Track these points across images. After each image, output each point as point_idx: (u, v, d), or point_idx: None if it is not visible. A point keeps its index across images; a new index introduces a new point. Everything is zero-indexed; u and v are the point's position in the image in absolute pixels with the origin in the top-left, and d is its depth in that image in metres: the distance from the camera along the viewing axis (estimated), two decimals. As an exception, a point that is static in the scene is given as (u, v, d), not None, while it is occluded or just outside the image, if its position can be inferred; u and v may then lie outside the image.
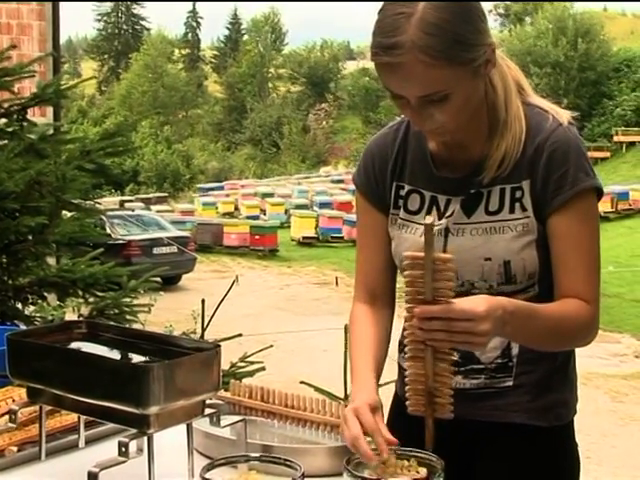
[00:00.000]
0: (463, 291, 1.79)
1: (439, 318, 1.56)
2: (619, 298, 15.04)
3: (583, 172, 1.76)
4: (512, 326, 1.63)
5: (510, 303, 1.63)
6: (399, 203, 1.91)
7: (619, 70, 42.99)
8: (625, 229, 23.18)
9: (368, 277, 1.97)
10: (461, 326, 1.55)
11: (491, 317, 1.57)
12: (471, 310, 1.55)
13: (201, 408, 1.67)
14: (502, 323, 1.60)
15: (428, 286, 1.55)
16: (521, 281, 1.79)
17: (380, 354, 1.87)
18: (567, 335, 1.77)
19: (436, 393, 1.65)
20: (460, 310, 1.55)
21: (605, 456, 7.63)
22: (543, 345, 1.78)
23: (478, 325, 1.55)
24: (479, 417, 1.87)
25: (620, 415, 9.19)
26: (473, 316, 1.55)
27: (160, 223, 19.70)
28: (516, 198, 1.79)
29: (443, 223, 1.83)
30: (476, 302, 1.57)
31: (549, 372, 1.87)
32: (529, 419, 1.85)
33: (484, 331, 1.56)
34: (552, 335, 1.74)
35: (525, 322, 1.67)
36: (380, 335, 1.91)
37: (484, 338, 1.57)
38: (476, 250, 1.79)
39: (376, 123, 46.69)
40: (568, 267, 1.76)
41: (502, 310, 1.60)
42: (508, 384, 1.86)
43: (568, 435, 1.92)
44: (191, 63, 67.78)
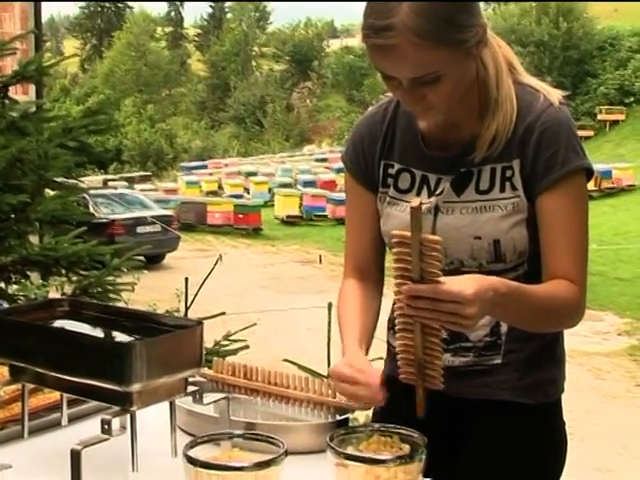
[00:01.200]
0: (452, 269, 1.79)
1: (426, 298, 1.55)
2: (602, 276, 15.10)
3: (573, 152, 1.76)
4: (503, 307, 1.63)
5: (503, 284, 1.63)
6: (388, 182, 1.90)
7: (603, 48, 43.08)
8: (608, 207, 23.26)
9: (357, 254, 1.97)
10: (448, 307, 1.54)
11: (479, 300, 1.55)
12: (458, 292, 1.54)
13: (184, 386, 1.67)
14: (492, 305, 1.59)
15: (416, 266, 1.54)
16: (510, 260, 1.79)
17: (369, 324, 1.88)
18: (556, 317, 1.77)
19: (426, 365, 1.66)
20: (447, 291, 1.54)
21: (588, 433, 7.68)
22: (531, 326, 1.78)
23: (465, 308, 1.54)
24: (467, 394, 1.87)
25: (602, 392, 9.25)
26: (460, 298, 1.53)
27: (144, 202, 19.65)
28: (506, 177, 1.78)
29: (433, 201, 1.82)
30: (465, 284, 1.56)
31: (537, 350, 1.87)
32: (517, 396, 1.85)
33: (470, 314, 1.54)
34: (541, 317, 1.74)
35: (516, 304, 1.66)
36: (368, 306, 1.91)
37: (470, 321, 1.56)
38: (466, 229, 1.79)
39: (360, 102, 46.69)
40: (556, 248, 1.76)
41: (493, 292, 1.59)
42: (497, 362, 1.86)
43: (555, 413, 1.93)
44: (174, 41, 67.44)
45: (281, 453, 1.49)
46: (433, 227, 1.81)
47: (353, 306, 1.90)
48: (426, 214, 1.81)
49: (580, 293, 1.76)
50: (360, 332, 1.83)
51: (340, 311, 1.92)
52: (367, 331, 1.86)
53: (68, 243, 4.40)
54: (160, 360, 1.56)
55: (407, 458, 1.53)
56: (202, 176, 30.73)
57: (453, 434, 1.90)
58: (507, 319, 1.77)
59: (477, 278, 1.60)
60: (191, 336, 1.64)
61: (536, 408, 1.87)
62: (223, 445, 1.60)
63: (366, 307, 1.91)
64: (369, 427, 1.67)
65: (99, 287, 4.36)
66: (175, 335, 1.63)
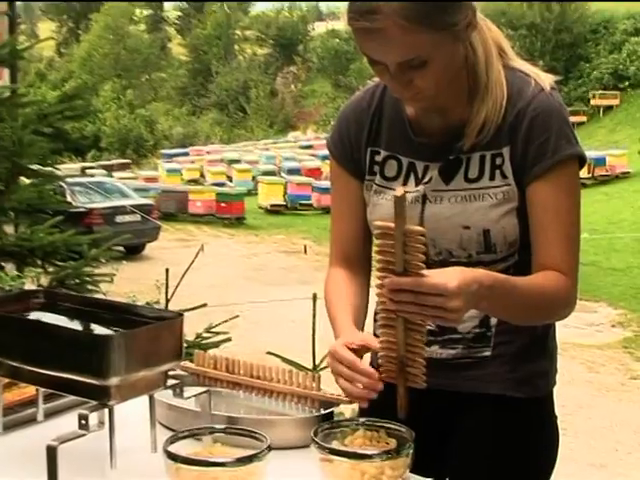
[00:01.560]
0: (441, 260, 1.80)
1: (409, 291, 1.55)
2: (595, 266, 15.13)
3: (565, 139, 1.76)
4: (489, 301, 1.63)
5: (488, 277, 1.63)
6: (374, 169, 1.91)
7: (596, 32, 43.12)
8: (602, 195, 23.30)
9: (343, 244, 1.98)
10: (431, 301, 1.54)
11: (464, 293, 1.55)
12: (442, 285, 1.53)
13: (164, 379, 1.67)
14: (477, 298, 1.59)
15: (399, 258, 1.54)
16: (501, 250, 1.79)
17: (360, 309, 1.89)
18: (545, 309, 1.77)
19: (408, 363, 1.66)
20: (430, 284, 1.53)
21: (581, 428, 7.69)
22: (520, 319, 1.78)
23: (449, 301, 1.53)
24: (456, 388, 1.88)
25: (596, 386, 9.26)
26: (444, 291, 1.53)
27: (123, 190, 19.57)
28: (496, 165, 1.78)
29: (420, 190, 1.83)
30: (448, 276, 1.55)
31: (528, 342, 1.87)
32: (507, 390, 1.86)
33: (455, 307, 1.54)
34: (530, 310, 1.74)
35: (503, 297, 1.66)
36: (358, 293, 1.92)
37: (455, 314, 1.55)
38: (454, 218, 1.79)
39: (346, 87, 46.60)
40: (547, 238, 1.76)
41: (478, 285, 1.58)
42: (486, 354, 1.87)
43: (547, 407, 1.94)
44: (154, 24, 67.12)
45: (264, 448, 1.50)
46: (421, 216, 1.81)
47: (342, 291, 1.91)
48: (414, 203, 1.82)
49: (571, 284, 1.77)
50: (352, 313, 1.84)
51: (328, 297, 1.93)
52: (360, 315, 1.87)
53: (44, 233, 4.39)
54: (139, 353, 1.56)
55: (394, 453, 1.54)
56: (183, 164, 30.65)
57: (442, 428, 1.91)
58: (494, 312, 1.78)
59: (461, 270, 1.60)
60: (171, 328, 1.64)
61: (527, 402, 1.87)
62: (204, 440, 1.60)
63: (355, 293, 1.91)
64: (355, 421, 1.68)
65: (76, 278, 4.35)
66: (155, 327, 1.63)
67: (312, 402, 1.85)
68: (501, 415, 1.87)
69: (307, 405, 1.86)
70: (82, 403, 1.60)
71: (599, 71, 41.00)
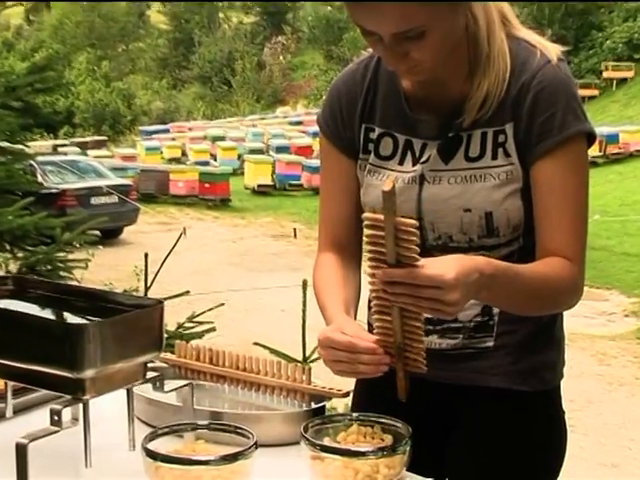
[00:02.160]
0: (440, 244, 1.81)
1: (403, 283, 1.54)
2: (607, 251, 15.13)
3: (572, 115, 1.76)
4: (490, 291, 1.63)
5: (489, 265, 1.62)
6: (369, 147, 1.90)
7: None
8: (615, 175, 23.32)
9: (333, 228, 1.98)
10: (427, 293, 1.53)
11: (462, 284, 1.54)
12: (438, 277, 1.52)
13: (143, 371, 1.67)
14: (477, 288, 1.59)
15: (390, 250, 1.53)
16: (504, 234, 1.79)
17: (351, 296, 1.88)
18: (549, 299, 1.77)
19: (406, 349, 1.66)
20: (425, 276, 1.52)
21: (591, 425, 7.70)
22: (523, 310, 1.78)
23: (445, 293, 1.53)
24: (456, 380, 1.88)
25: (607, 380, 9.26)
26: (440, 283, 1.52)
27: (98, 170, 19.54)
28: (499, 143, 1.78)
29: (418, 170, 1.82)
30: (446, 267, 1.54)
31: (533, 332, 1.88)
32: (511, 383, 1.87)
33: (452, 300, 1.53)
34: (533, 299, 1.74)
35: (504, 287, 1.66)
36: (349, 279, 1.91)
37: (452, 307, 1.55)
38: (454, 200, 1.79)
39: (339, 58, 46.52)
40: (551, 221, 1.76)
41: (479, 274, 1.58)
42: (488, 344, 1.87)
43: (554, 401, 1.94)
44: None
45: (250, 445, 1.50)
46: (418, 198, 1.81)
47: (333, 278, 1.90)
48: (410, 184, 1.82)
49: (577, 272, 1.77)
50: (344, 301, 1.83)
51: (318, 284, 1.92)
52: (351, 301, 1.87)
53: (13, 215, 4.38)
54: (116, 343, 1.56)
55: (389, 450, 1.55)
56: (164, 141, 30.60)
57: (440, 424, 1.92)
58: (495, 303, 1.78)
59: (459, 259, 1.60)
60: (150, 316, 1.64)
61: (532, 396, 1.88)
62: (186, 437, 1.61)
63: (347, 278, 1.91)
64: (347, 416, 1.69)
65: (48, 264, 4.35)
66: (133, 315, 1.63)
67: (302, 396, 1.86)
68: (504, 410, 1.88)
69: (297, 399, 1.86)
70: (54, 398, 1.60)
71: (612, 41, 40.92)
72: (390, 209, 1.50)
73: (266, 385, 1.89)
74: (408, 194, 1.82)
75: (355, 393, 2.01)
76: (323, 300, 1.87)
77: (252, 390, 1.91)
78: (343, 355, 1.66)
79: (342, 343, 1.66)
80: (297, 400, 1.87)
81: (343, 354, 1.66)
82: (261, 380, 1.89)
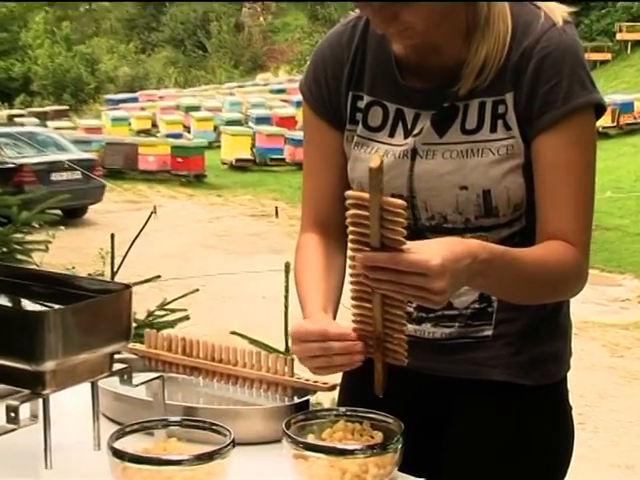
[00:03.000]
0: (433, 225, 1.81)
1: (386, 268, 1.54)
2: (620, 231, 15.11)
3: (579, 84, 1.76)
4: (485, 277, 1.63)
5: (484, 250, 1.62)
6: (356, 117, 1.90)
7: (623, -48, 42.94)
8: (628, 147, 23.30)
9: (317, 206, 1.98)
10: (411, 280, 1.53)
11: (449, 271, 1.53)
12: (423, 262, 1.52)
13: (109, 363, 1.67)
14: (470, 275, 1.59)
15: (374, 232, 1.53)
16: (504, 214, 1.79)
17: (334, 286, 1.89)
18: (550, 287, 1.78)
19: (386, 339, 1.66)
20: (409, 261, 1.52)
21: (602, 422, 7.71)
22: (521, 298, 1.79)
23: (431, 281, 1.52)
24: (451, 373, 1.89)
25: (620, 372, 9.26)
26: (425, 270, 1.52)
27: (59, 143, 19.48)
28: (498, 114, 1.78)
29: (409, 143, 1.83)
30: (432, 252, 1.54)
31: (537, 320, 1.88)
32: (512, 376, 1.87)
33: (438, 289, 1.53)
34: (533, 287, 1.75)
35: (501, 272, 1.66)
36: (333, 265, 1.92)
37: (439, 296, 1.54)
38: (449, 177, 1.79)
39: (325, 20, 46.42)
40: (554, 201, 1.76)
41: (471, 259, 1.58)
42: (487, 334, 1.88)
43: (559, 396, 1.95)
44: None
45: (227, 444, 1.51)
46: (410, 174, 1.82)
47: (315, 265, 1.91)
48: (402, 159, 1.82)
49: (581, 257, 1.77)
50: (325, 296, 1.84)
51: (299, 271, 1.93)
52: (332, 295, 1.87)
53: (-35, 193, 4.36)
54: (79, 332, 1.56)
55: (379, 448, 1.55)
56: (131, 111, 30.52)
57: (435, 420, 1.93)
58: (491, 291, 1.78)
59: (449, 243, 1.59)
60: (118, 303, 1.65)
61: (535, 390, 1.89)
62: (157, 435, 1.61)
63: (330, 266, 1.91)
64: (334, 411, 1.69)
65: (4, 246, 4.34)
66: (98, 302, 1.63)
67: (284, 389, 1.87)
68: (505, 406, 1.89)
69: (278, 393, 1.87)
70: (11, 393, 1.60)
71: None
72: (376, 187, 1.50)
73: (244, 378, 1.89)
74: (399, 169, 1.82)
75: (342, 386, 2.02)
76: (303, 293, 1.87)
77: (229, 383, 1.91)
78: (316, 347, 1.66)
79: (313, 332, 1.67)
80: (278, 394, 1.87)
81: (316, 346, 1.66)
82: (239, 372, 1.89)
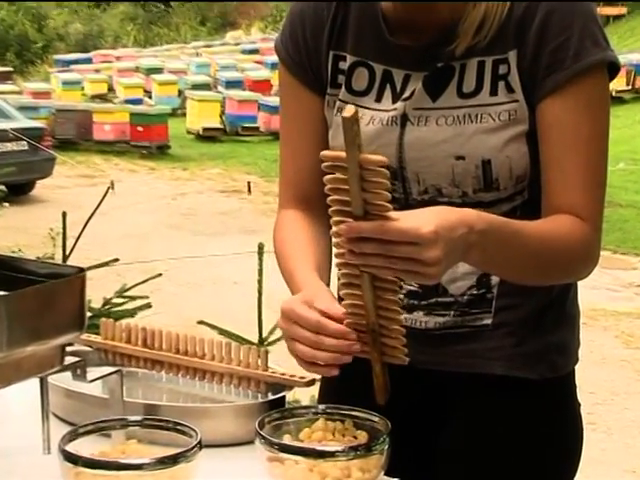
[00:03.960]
0: (427, 200, 1.81)
1: (373, 239, 1.53)
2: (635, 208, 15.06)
3: (590, 40, 1.76)
4: (482, 251, 1.63)
5: (480, 219, 1.62)
6: (339, 80, 1.90)
7: None
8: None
9: (297, 180, 1.99)
10: (401, 251, 1.52)
11: (443, 240, 1.53)
12: (413, 230, 1.51)
13: (60, 356, 1.68)
14: (465, 247, 1.59)
15: (355, 197, 1.52)
16: (505, 187, 1.80)
17: (323, 259, 1.89)
18: (556, 265, 1.79)
19: (382, 332, 1.66)
20: (398, 230, 1.52)
21: (615, 422, 7.70)
22: (522, 277, 1.79)
23: (424, 251, 1.52)
24: (445, 367, 1.90)
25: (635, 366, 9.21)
26: (416, 238, 1.51)
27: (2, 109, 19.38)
28: (500, 75, 1.79)
29: (399, 108, 1.83)
30: (423, 219, 1.54)
31: (541, 307, 1.89)
32: (513, 369, 1.88)
33: (432, 259, 1.52)
34: (537, 264, 1.75)
35: (500, 247, 1.67)
36: (319, 240, 1.92)
37: (432, 268, 1.54)
38: (445, 145, 1.80)
39: (304, -31, 46.17)
40: (562, 172, 1.77)
41: (466, 229, 1.58)
42: (486, 322, 1.88)
43: (566, 392, 1.96)
44: None
45: (193, 445, 1.52)
46: (400, 143, 1.82)
47: (300, 238, 1.92)
48: (390, 125, 1.83)
49: (592, 234, 1.78)
50: (316, 265, 1.85)
51: (281, 247, 1.94)
52: (323, 269, 1.87)
53: None
54: (26, 322, 1.56)
55: (364, 449, 1.56)
56: (85, 73, 30.36)
57: (427, 419, 1.94)
58: (488, 267, 1.78)
59: (441, 211, 1.60)
60: (70, 289, 1.65)
61: (540, 385, 1.90)
62: (115, 436, 1.62)
63: (317, 242, 1.92)
64: (312, 409, 1.70)
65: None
66: (47, 287, 1.63)
67: (257, 384, 1.87)
68: (506, 403, 1.90)
69: (250, 388, 1.88)
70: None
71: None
72: (352, 143, 1.48)
73: (213, 372, 1.90)
74: (387, 138, 1.83)
75: (323, 381, 2.02)
76: (289, 264, 1.88)
77: (196, 378, 1.92)
78: (307, 335, 1.66)
79: (309, 321, 1.66)
80: (251, 390, 1.88)
81: (308, 334, 1.66)
82: (207, 366, 1.90)
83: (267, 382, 1.87)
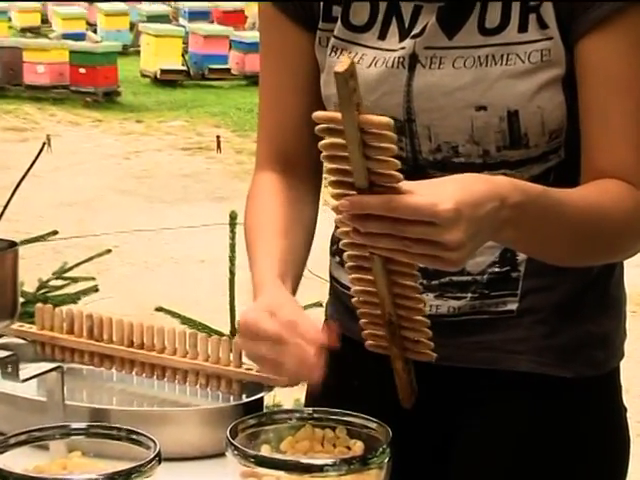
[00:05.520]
0: (439, 160, 1.83)
1: (380, 217, 1.53)
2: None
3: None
4: (515, 229, 1.64)
5: (515, 190, 1.62)
6: (333, 12, 1.90)
7: None
8: None
9: (279, 135, 2.00)
10: (415, 232, 1.53)
11: (467, 219, 1.53)
12: (429, 207, 1.51)
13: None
14: (495, 224, 1.60)
15: (357, 166, 1.52)
16: (536, 144, 1.80)
17: (297, 244, 1.90)
18: (603, 241, 1.79)
19: (402, 323, 1.68)
20: (410, 206, 1.52)
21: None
22: (565, 257, 1.80)
23: (443, 232, 1.52)
24: (460, 362, 1.91)
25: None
26: (432, 217, 1.51)
27: None
28: (530, 7, 1.79)
29: (407, 47, 1.83)
30: (442, 192, 1.54)
31: (579, 289, 1.90)
32: (544, 366, 1.89)
33: (453, 242, 1.53)
34: (579, 242, 1.76)
35: (538, 222, 1.67)
36: (297, 215, 1.93)
37: (454, 253, 1.54)
38: (462, 93, 1.80)
39: None
40: (608, 125, 1.77)
41: (498, 202, 1.58)
42: (510, 308, 1.89)
43: (609, 393, 1.97)
44: None
45: (151, 458, 1.52)
46: (408, 90, 1.83)
47: (272, 215, 1.92)
48: (396, 68, 1.83)
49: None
50: (283, 258, 1.84)
51: (250, 225, 1.94)
52: (294, 257, 1.88)
53: None
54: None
55: (359, 463, 1.57)
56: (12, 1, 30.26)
57: (440, 426, 1.95)
58: (523, 247, 1.79)
59: (465, 181, 1.60)
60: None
61: (577, 385, 1.91)
62: (54, 448, 1.63)
63: (294, 218, 1.93)
64: (297, 413, 1.71)
65: None
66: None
67: (229, 384, 1.89)
68: (535, 406, 1.91)
69: (221, 389, 1.89)
70: None
71: None
72: (349, 102, 1.48)
73: (174, 369, 1.91)
74: (392, 84, 1.83)
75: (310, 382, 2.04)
76: (252, 253, 1.89)
77: (154, 377, 1.93)
78: (265, 350, 1.66)
79: (266, 332, 1.66)
80: (221, 390, 1.89)
81: (265, 348, 1.66)
82: (167, 361, 1.91)
83: (241, 381, 1.88)
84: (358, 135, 1.49)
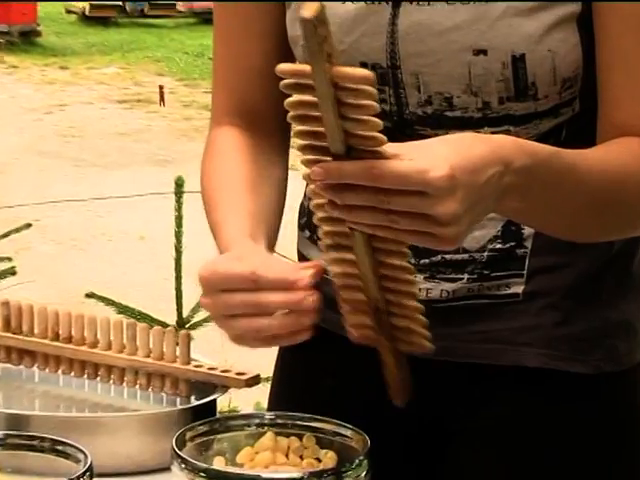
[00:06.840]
0: (430, 115, 1.84)
1: (360, 186, 1.52)
2: None
3: None
4: (521, 197, 1.64)
5: (521, 151, 1.63)
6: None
7: None
8: None
9: (240, 83, 2.02)
10: (402, 204, 1.52)
11: (463, 186, 1.52)
12: (418, 174, 1.50)
13: None
14: (498, 192, 1.60)
15: (332, 128, 1.51)
16: (546, 94, 1.81)
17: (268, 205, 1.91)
18: (626, 211, 1.81)
19: (391, 310, 1.69)
20: (395, 174, 1.50)
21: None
22: (579, 231, 1.81)
23: (435, 204, 1.51)
24: (457, 356, 1.92)
25: None
26: (423, 185, 1.50)
27: None
28: None
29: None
30: (433, 155, 1.53)
31: (596, 268, 1.92)
32: (556, 359, 1.91)
33: (447, 215, 1.52)
34: (597, 212, 1.77)
35: (548, 189, 1.68)
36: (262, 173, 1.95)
37: (449, 229, 1.53)
38: (457, 34, 1.80)
39: None
40: (630, 71, 1.79)
41: (501, 167, 1.58)
42: (515, 291, 1.90)
43: (632, 392, 1.99)
44: None
45: (80, 473, 1.53)
46: (392, 31, 1.83)
47: (237, 173, 1.93)
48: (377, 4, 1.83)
49: None
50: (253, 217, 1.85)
51: (209, 184, 1.96)
52: (267, 217, 1.89)
53: None
54: None
55: (331, 476, 1.58)
56: None
57: (428, 431, 1.97)
58: (528, 218, 1.79)
59: (461, 142, 1.60)
60: None
61: (593, 382, 1.93)
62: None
63: (261, 175, 1.94)
64: (256, 418, 1.72)
65: None
66: None
67: (174, 384, 1.90)
68: (543, 408, 1.93)
69: (166, 390, 1.90)
70: None
71: None
72: (319, 52, 1.46)
73: (109, 366, 1.92)
74: (373, 23, 1.84)
75: (276, 377, 2.05)
76: (215, 216, 1.89)
77: (84, 376, 1.94)
78: (239, 301, 1.65)
79: (236, 276, 1.65)
80: (166, 392, 1.90)
81: (239, 298, 1.64)
82: (100, 357, 1.92)
83: (189, 380, 1.89)
84: (331, 91, 1.48)
